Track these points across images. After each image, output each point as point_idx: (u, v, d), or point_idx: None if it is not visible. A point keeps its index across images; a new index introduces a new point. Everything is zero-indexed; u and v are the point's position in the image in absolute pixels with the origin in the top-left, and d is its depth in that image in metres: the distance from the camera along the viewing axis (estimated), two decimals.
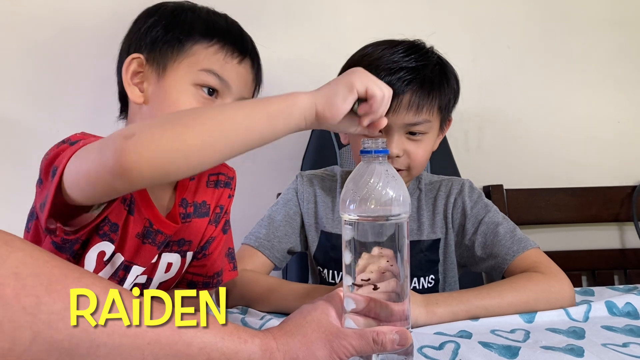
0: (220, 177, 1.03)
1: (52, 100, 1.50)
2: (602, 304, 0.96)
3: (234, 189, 1.05)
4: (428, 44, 1.09)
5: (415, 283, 1.12)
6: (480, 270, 1.11)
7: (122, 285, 0.88)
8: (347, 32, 1.65)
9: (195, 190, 0.98)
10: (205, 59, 0.89)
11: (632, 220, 1.66)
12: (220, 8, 1.60)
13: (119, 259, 0.87)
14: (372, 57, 1.05)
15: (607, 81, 1.73)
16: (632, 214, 1.66)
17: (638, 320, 0.92)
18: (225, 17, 0.98)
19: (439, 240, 1.13)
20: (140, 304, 0.58)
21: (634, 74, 1.74)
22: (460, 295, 0.92)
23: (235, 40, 0.94)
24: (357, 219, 0.68)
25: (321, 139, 1.52)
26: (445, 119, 1.10)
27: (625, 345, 0.81)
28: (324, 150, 1.51)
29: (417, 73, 1.03)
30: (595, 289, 1.09)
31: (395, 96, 0.98)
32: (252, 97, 0.99)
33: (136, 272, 0.90)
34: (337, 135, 1.51)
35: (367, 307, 0.68)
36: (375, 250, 0.68)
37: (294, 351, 0.62)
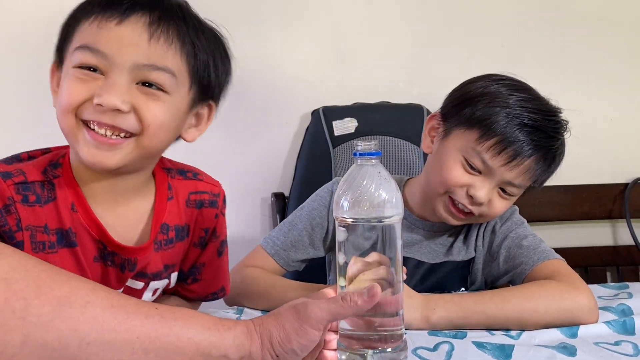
0: (203, 197, 0.91)
1: (45, 101, 1.50)
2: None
3: (223, 207, 0.95)
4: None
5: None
6: (502, 284, 1.08)
7: None
8: (342, 32, 1.65)
9: (176, 211, 0.87)
10: (80, 36, 0.75)
11: (624, 218, 1.66)
12: (216, 8, 1.60)
13: None
14: (516, 99, 1.00)
15: (600, 79, 1.74)
16: (625, 211, 1.67)
17: (632, 315, 0.92)
18: None
19: (473, 258, 1.10)
20: (128, 302, 0.60)
21: (627, 72, 1.74)
22: (461, 300, 0.89)
23: (113, 2, 0.75)
24: (351, 221, 0.68)
25: (315, 137, 1.53)
26: (531, 189, 1.07)
27: (617, 343, 0.82)
28: (319, 150, 1.51)
29: (548, 143, 1.00)
30: None
31: (519, 156, 0.97)
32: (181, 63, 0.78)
33: None
34: (331, 133, 1.51)
35: None
36: (370, 257, 0.68)
37: (267, 329, 0.63)
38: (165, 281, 0.89)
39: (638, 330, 0.87)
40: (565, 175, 1.73)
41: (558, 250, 1.03)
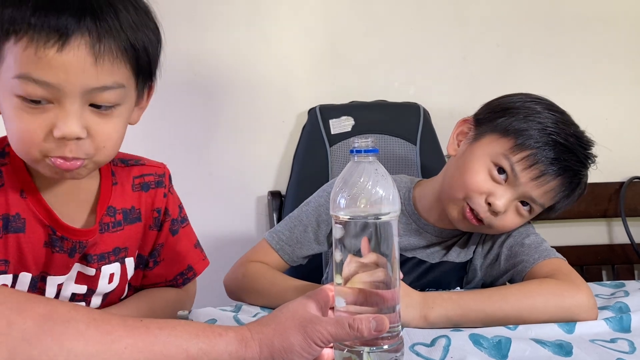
0: (146, 179, 0.92)
1: None
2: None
3: (169, 186, 0.96)
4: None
5: None
6: (503, 283, 1.08)
7: (44, 295, 0.84)
8: (338, 30, 1.65)
9: (121, 195, 0.89)
10: (16, 61, 0.69)
11: (620, 216, 1.67)
12: (211, 7, 1.60)
13: (26, 277, 0.81)
14: (555, 119, 1.00)
15: (596, 78, 1.74)
16: (620, 210, 1.67)
17: (629, 312, 0.92)
18: None
19: (471, 259, 1.10)
20: (111, 316, 0.60)
21: (622, 71, 1.75)
22: (459, 298, 0.89)
23: (47, 21, 0.68)
24: (347, 218, 0.68)
25: (312, 135, 1.53)
26: (546, 214, 1.05)
27: (612, 340, 0.82)
28: (315, 148, 1.51)
29: (577, 167, 0.99)
30: None
31: (546, 174, 0.97)
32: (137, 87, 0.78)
33: (55, 282, 0.85)
34: (328, 132, 1.51)
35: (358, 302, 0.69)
36: (367, 258, 0.68)
37: (268, 338, 0.62)
38: (117, 265, 0.89)
39: (634, 328, 0.87)
40: None
41: (554, 249, 1.04)
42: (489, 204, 0.99)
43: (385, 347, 0.68)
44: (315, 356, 0.64)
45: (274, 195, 1.59)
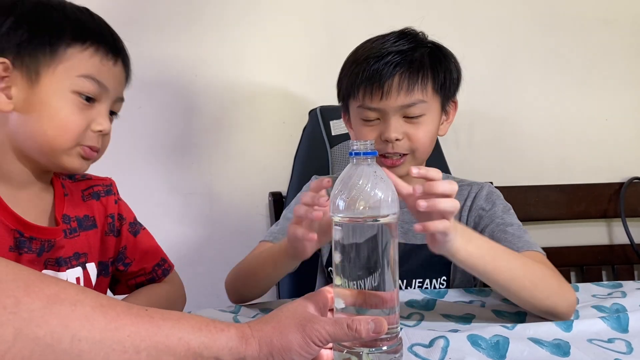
0: (95, 189, 1.01)
1: None
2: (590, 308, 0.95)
3: (117, 193, 1.05)
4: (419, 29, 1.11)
5: (427, 285, 1.11)
6: None
7: None
8: (339, 31, 1.66)
9: (72, 205, 0.96)
10: (82, 64, 0.85)
11: (619, 217, 1.68)
12: (212, 8, 1.61)
13: None
14: (364, 49, 1.07)
15: (595, 79, 1.75)
16: (620, 210, 1.68)
17: (626, 312, 0.93)
18: (90, 14, 0.91)
19: None
20: (117, 302, 0.60)
21: (621, 72, 1.76)
22: (488, 240, 0.89)
23: (108, 40, 0.90)
24: (346, 220, 0.69)
25: (313, 137, 1.53)
26: (446, 101, 1.09)
27: (610, 340, 0.83)
28: (316, 149, 1.52)
29: (405, 55, 1.04)
30: (581, 285, 1.10)
31: (385, 81, 1.01)
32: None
33: None
34: (328, 133, 1.52)
35: (357, 304, 0.69)
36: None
37: (268, 336, 0.63)
38: (80, 269, 0.94)
39: (632, 328, 0.87)
40: (561, 175, 1.76)
41: (554, 250, 1.04)
42: (386, 140, 1.04)
43: (384, 348, 0.68)
44: (314, 355, 0.65)
45: (275, 196, 1.60)
